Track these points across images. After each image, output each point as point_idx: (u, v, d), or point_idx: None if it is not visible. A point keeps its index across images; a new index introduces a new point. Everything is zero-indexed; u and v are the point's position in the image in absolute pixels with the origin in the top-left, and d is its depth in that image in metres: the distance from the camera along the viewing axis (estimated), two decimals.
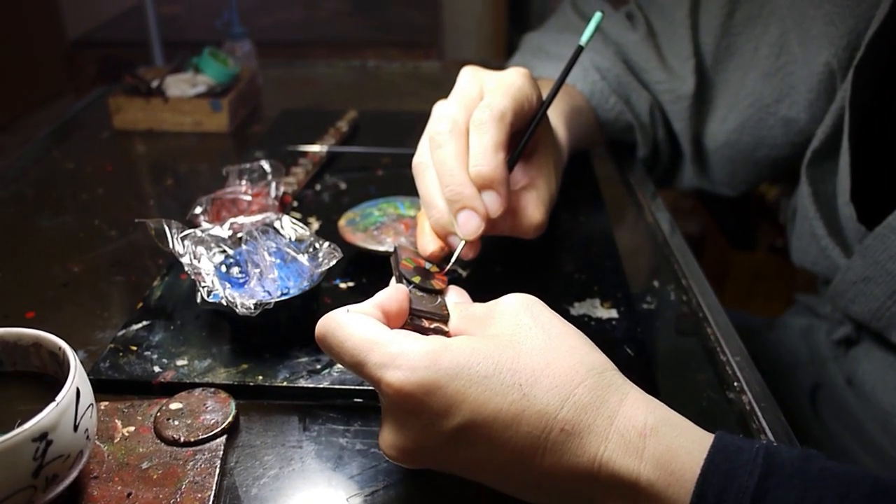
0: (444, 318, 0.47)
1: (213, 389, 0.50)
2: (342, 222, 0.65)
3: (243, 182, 0.67)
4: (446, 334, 0.46)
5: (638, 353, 0.53)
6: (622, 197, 0.83)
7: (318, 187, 0.78)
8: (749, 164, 0.81)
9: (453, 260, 0.52)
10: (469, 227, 0.50)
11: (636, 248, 0.73)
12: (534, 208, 0.54)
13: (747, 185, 0.86)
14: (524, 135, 0.54)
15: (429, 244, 0.53)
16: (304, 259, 0.55)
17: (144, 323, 0.57)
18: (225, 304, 0.50)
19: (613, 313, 0.58)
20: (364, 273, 0.62)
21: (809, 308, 0.89)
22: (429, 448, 0.40)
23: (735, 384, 0.53)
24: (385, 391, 0.40)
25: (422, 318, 0.46)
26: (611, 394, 0.39)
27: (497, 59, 1.89)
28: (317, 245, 0.56)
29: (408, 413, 0.40)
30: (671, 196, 1.56)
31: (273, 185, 0.65)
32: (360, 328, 0.41)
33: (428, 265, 0.52)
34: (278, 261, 0.54)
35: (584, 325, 0.56)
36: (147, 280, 0.65)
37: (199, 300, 0.51)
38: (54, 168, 0.88)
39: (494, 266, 0.64)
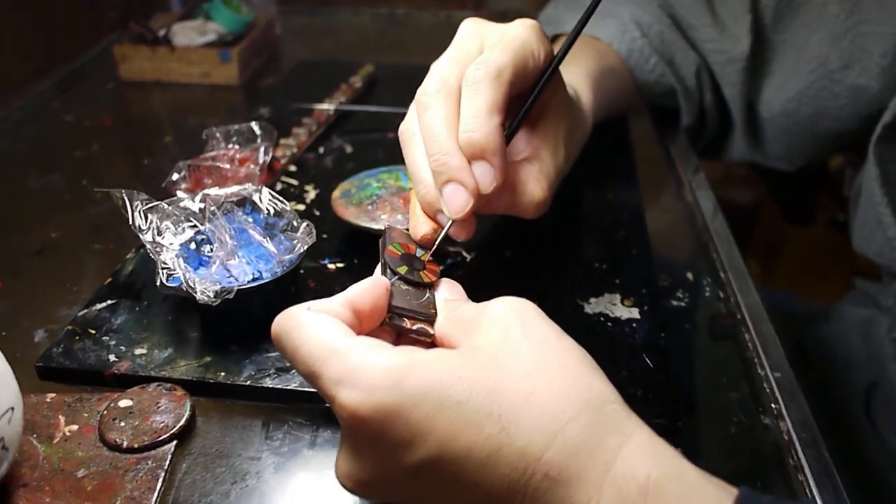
0: (430, 318, 0.40)
1: (169, 385, 0.44)
2: (336, 193, 0.58)
3: (231, 146, 0.60)
4: (430, 337, 0.39)
5: (659, 364, 0.46)
6: (660, 170, 0.75)
7: (321, 150, 0.71)
8: (808, 137, 0.71)
9: (438, 241, 0.45)
10: (455, 203, 0.43)
11: (670, 233, 0.65)
12: (535, 183, 0.46)
13: (805, 159, 0.76)
14: (528, 97, 0.46)
15: (420, 226, 0.46)
16: (278, 239, 0.49)
17: (109, 302, 0.51)
18: (185, 289, 0.45)
19: (635, 313, 0.50)
20: (356, 253, 0.56)
21: (870, 297, 0.80)
22: (388, 482, 0.34)
23: (773, 406, 0.45)
24: (339, 413, 0.33)
25: (403, 317, 0.40)
26: (610, 434, 0.31)
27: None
28: (295, 223, 0.49)
29: (364, 441, 0.33)
30: (722, 163, 1.45)
31: (262, 149, 0.59)
32: (318, 331, 0.35)
33: (420, 251, 0.45)
34: (255, 240, 0.47)
35: (599, 326, 0.49)
36: (126, 251, 0.59)
37: (158, 283, 0.46)
38: (52, 121, 0.83)
39: (503, 249, 0.57)
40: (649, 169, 0.72)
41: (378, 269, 0.43)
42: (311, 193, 0.64)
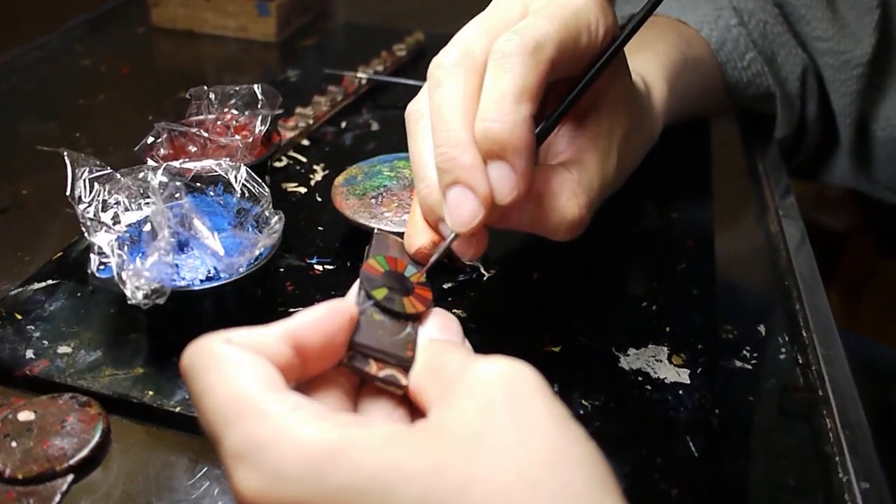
0: (404, 363, 0.30)
1: (84, 399, 0.36)
2: (339, 180, 0.49)
3: (229, 110, 0.51)
4: (402, 389, 0.29)
5: (706, 453, 0.35)
6: (741, 188, 0.62)
7: (343, 125, 0.62)
8: None
9: (435, 258, 0.35)
10: (461, 212, 0.32)
11: (743, 270, 0.53)
12: (569, 196, 0.35)
13: None
14: (576, 83, 0.35)
15: (415, 235, 0.35)
16: (248, 230, 0.40)
17: (50, 282, 0.43)
18: (118, 284, 0.36)
19: (684, 375, 0.39)
20: (352, 254, 0.46)
21: None
22: None
23: None
24: (235, 497, 0.24)
25: (368, 358, 0.30)
26: None
27: None
28: (268, 213, 0.40)
29: None
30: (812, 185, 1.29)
31: (260, 117, 0.49)
32: (230, 378, 0.25)
33: (412, 269, 0.35)
34: (205, 231, 0.38)
35: (636, 389, 0.38)
36: None
37: (89, 272, 0.37)
38: (68, 64, 0.76)
39: (529, 269, 0.46)
40: (728, 185, 0.60)
41: (354, 287, 0.33)
42: (319, 175, 0.55)
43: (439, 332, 0.32)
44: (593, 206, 0.36)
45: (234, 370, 0.25)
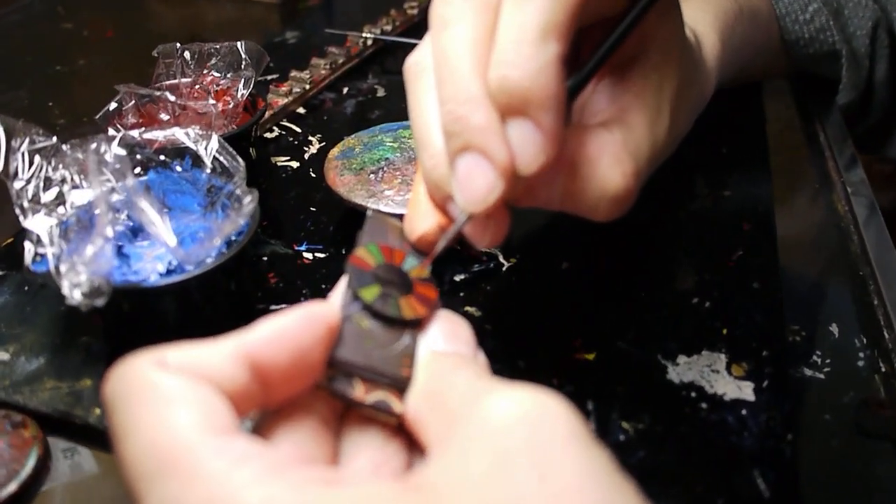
0: (399, 383, 0.23)
1: (19, 419, 0.30)
2: (333, 152, 0.42)
3: (209, 72, 0.44)
4: (395, 418, 0.23)
5: (780, 490, 0.28)
6: (799, 161, 0.54)
7: (344, 90, 0.55)
8: None
9: (440, 249, 0.28)
10: (473, 186, 0.25)
11: (807, 256, 0.45)
12: (612, 163, 0.27)
13: None
14: (615, 27, 0.27)
15: (417, 218, 0.28)
16: (217, 212, 0.33)
17: None
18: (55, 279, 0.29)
19: (747, 390, 0.32)
20: (348, 239, 0.39)
21: None
22: None
23: None
24: None
25: (352, 378, 0.23)
26: None
27: None
28: (239, 192, 0.33)
29: None
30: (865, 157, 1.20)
31: (243, 80, 0.42)
32: (161, 416, 0.19)
33: (412, 261, 0.28)
34: (192, 213, 0.31)
35: (688, 407, 0.31)
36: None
37: (24, 265, 0.31)
38: (48, 27, 0.70)
39: (558, 258, 0.39)
40: (784, 158, 0.52)
41: (338, 286, 0.26)
42: (314, 147, 0.48)
43: (445, 342, 0.25)
44: (642, 175, 0.28)
45: (165, 407, 0.19)
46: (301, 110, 0.51)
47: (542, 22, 0.24)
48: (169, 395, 0.19)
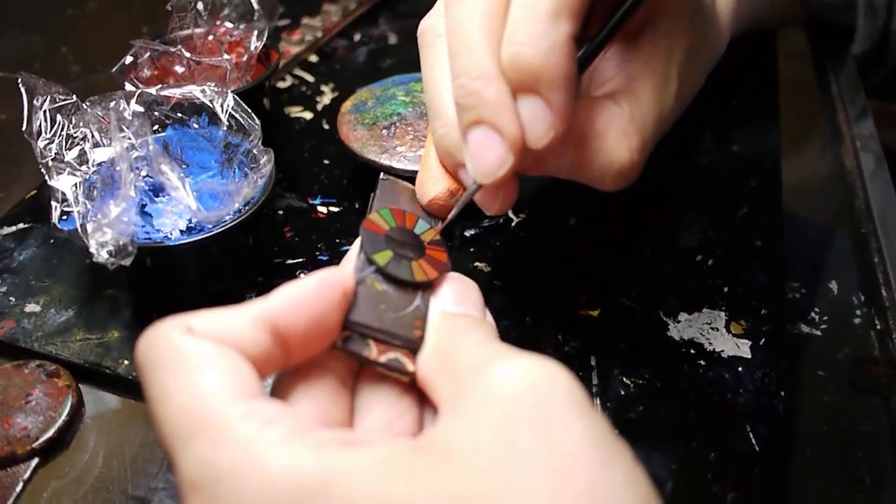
0: (412, 345, 0.25)
1: (53, 368, 0.31)
2: (346, 106, 0.42)
3: (221, 23, 0.44)
4: (408, 376, 0.24)
5: (771, 446, 0.29)
6: (811, 113, 0.54)
7: (356, 37, 0.54)
8: None
9: (452, 215, 0.29)
10: (484, 158, 0.26)
11: (811, 211, 0.46)
12: (619, 137, 0.28)
13: None
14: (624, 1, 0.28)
15: (429, 182, 0.30)
16: (235, 170, 0.34)
17: (21, 226, 0.38)
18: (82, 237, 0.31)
19: (744, 348, 0.33)
20: (363, 192, 0.40)
21: None
22: None
23: None
24: None
25: (367, 339, 0.25)
26: None
27: None
28: (256, 152, 0.34)
29: None
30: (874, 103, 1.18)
31: (256, 31, 0.43)
32: (190, 382, 0.20)
33: (423, 224, 0.29)
34: (209, 170, 0.32)
35: (686, 363, 0.32)
36: None
37: (51, 223, 0.32)
38: None
39: (566, 214, 0.40)
40: (793, 109, 0.52)
41: (352, 250, 0.27)
42: (327, 97, 0.48)
43: (455, 303, 0.26)
44: (647, 147, 0.29)
45: (194, 372, 0.20)
46: (313, 58, 0.52)
47: (553, 1, 0.24)
48: (197, 360, 0.21)
